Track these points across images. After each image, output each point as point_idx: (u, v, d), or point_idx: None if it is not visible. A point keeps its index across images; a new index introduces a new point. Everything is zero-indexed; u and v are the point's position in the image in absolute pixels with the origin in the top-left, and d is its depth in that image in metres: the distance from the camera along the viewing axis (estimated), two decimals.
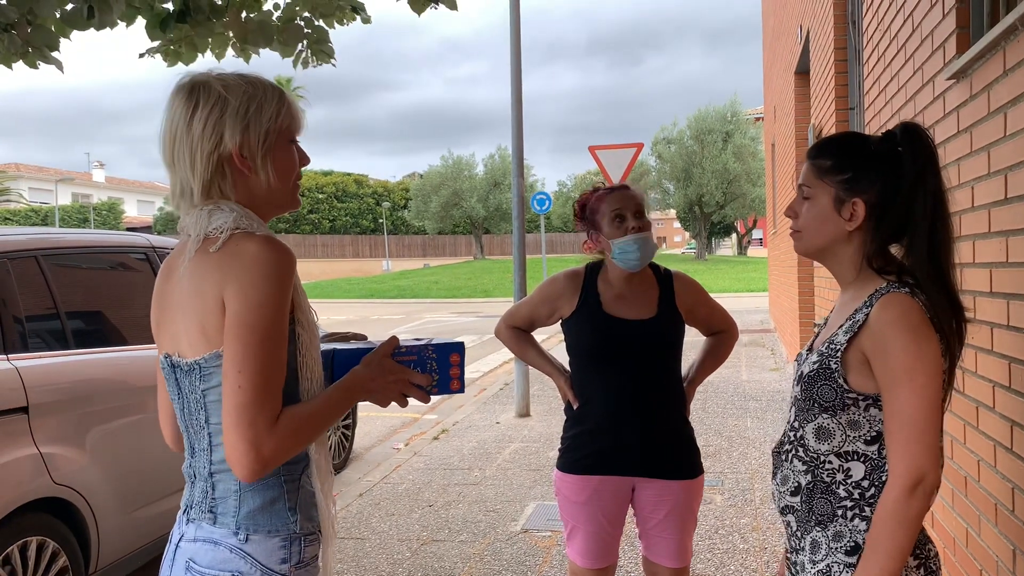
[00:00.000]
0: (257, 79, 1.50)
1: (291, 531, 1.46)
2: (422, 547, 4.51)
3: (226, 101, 1.44)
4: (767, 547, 4.33)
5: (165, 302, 1.52)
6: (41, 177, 54.04)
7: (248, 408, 1.34)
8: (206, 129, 1.43)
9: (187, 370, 1.46)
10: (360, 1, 4.00)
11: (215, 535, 1.44)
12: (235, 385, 1.34)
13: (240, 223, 1.44)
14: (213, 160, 1.44)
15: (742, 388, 8.99)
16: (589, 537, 2.59)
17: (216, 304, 1.39)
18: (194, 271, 1.43)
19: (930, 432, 1.49)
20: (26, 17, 3.42)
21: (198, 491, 1.49)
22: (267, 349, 1.36)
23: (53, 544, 3.25)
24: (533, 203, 22.96)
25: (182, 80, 1.48)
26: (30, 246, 3.55)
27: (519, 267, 8.22)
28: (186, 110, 1.44)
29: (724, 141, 44.15)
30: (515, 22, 8.22)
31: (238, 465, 1.35)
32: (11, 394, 3.15)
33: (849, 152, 1.66)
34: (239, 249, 1.39)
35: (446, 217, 52.90)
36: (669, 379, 2.60)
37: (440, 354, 1.60)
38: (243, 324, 1.35)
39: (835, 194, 1.65)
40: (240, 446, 1.34)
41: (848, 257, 1.67)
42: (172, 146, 1.46)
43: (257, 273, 1.37)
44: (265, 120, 1.47)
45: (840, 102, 6.09)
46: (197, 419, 1.48)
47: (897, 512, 1.48)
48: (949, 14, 2.84)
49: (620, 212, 2.54)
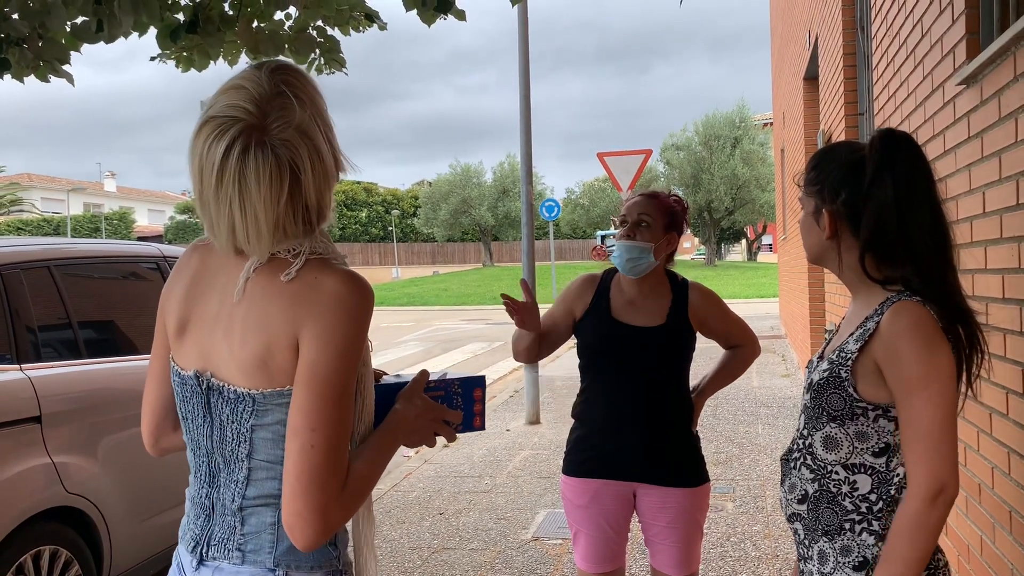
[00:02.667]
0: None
1: (334, 567, 1.35)
2: (433, 555, 4.50)
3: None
4: (779, 554, 4.31)
5: (197, 312, 1.36)
6: (53, 187, 54.40)
7: (320, 471, 1.21)
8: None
9: (232, 399, 1.30)
10: (374, 9, 4.02)
11: (243, 574, 1.31)
12: (307, 444, 1.21)
13: (316, 246, 1.31)
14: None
15: (753, 394, 8.96)
16: (591, 541, 2.59)
17: (287, 343, 1.25)
18: (257, 296, 1.29)
19: (947, 441, 1.48)
20: (37, 31, 3.45)
21: (219, 526, 1.35)
22: (343, 404, 1.25)
23: (66, 553, 3.26)
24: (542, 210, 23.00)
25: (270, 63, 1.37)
26: (43, 256, 3.57)
27: (528, 274, 8.22)
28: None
29: (733, 147, 44.07)
30: (523, 32, 8.24)
31: (301, 534, 1.22)
32: (24, 403, 3.16)
33: (821, 164, 1.69)
34: (319, 285, 1.27)
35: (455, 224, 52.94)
36: (673, 388, 2.60)
37: (465, 389, 1.54)
38: (320, 377, 1.23)
39: (814, 205, 1.69)
40: (307, 514, 1.21)
41: (847, 265, 1.67)
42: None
43: (339, 319, 1.24)
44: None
45: (849, 107, 6.08)
46: (235, 451, 1.32)
47: (919, 522, 1.47)
48: (959, 19, 2.84)
49: (624, 218, 2.61)
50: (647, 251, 2.56)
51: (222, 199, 1.26)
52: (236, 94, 1.27)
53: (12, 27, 3.41)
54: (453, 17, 3.76)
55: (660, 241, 2.58)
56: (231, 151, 1.24)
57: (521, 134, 8.26)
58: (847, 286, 1.72)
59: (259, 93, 1.27)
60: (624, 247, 2.56)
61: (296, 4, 3.81)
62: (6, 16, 3.43)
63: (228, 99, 1.27)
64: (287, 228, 1.29)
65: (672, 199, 2.66)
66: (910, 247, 1.57)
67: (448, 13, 3.71)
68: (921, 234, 1.57)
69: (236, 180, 1.24)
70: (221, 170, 1.24)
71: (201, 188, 1.28)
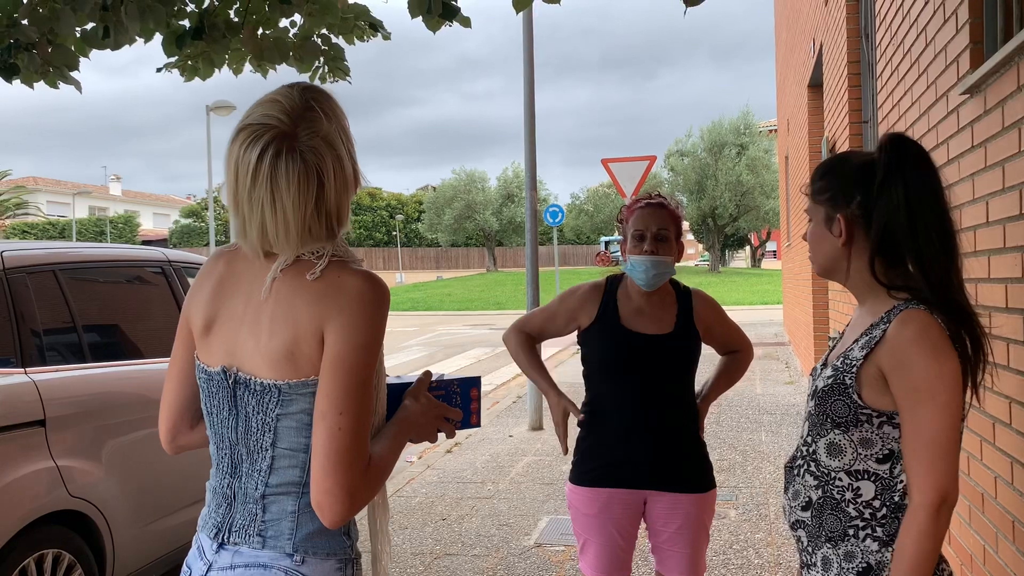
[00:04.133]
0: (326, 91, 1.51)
1: (347, 555, 1.45)
2: (435, 561, 4.50)
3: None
4: (781, 562, 4.30)
5: (224, 312, 1.45)
6: (58, 190, 54.59)
7: (348, 452, 1.32)
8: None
9: (258, 390, 1.40)
10: (377, 18, 4.04)
11: (263, 558, 1.40)
12: (335, 427, 1.32)
13: (337, 250, 1.42)
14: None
15: (756, 402, 8.95)
16: (601, 550, 2.59)
17: (313, 336, 1.36)
18: (284, 293, 1.39)
19: (952, 451, 1.49)
20: (47, 37, 3.47)
21: (241, 514, 1.44)
22: (367, 391, 1.35)
23: (69, 556, 3.27)
24: (546, 215, 23.00)
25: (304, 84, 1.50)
26: (48, 260, 3.59)
27: (532, 279, 8.23)
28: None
29: (738, 153, 44.07)
30: (528, 39, 8.27)
31: (330, 511, 1.32)
32: (29, 407, 3.17)
33: (831, 171, 1.70)
34: (342, 283, 1.37)
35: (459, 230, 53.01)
36: (683, 394, 2.60)
37: (463, 388, 1.65)
38: (345, 366, 1.34)
39: (825, 213, 1.69)
40: (336, 492, 1.31)
41: (857, 273, 1.67)
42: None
43: (361, 313, 1.36)
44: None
45: (854, 115, 6.09)
46: (259, 440, 1.41)
47: (926, 532, 1.48)
48: (963, 29, 2.84)
49: (641, 232, 2.56)
50: (671, 264, 2.58)
51: (255, 200, 1.37)
52: (270, 106, 1.40)
53: (22, 32, 3.43)
54: (458, 24, 3.77)
55: (675, 251, 2.60)
56: (264, 155, 1.36)
57: (525, 140, 8.28)
58: (854, 293, 1.72)
59: (291, 106, 1.39)
60: (650, 262, 2.53)
61: (301, 12, 3.83)
62: (16, 22, 3.45)
63: (263, 110, 1.40)
64: (312, 229, 1.40)
65: (674, 204, 2.65)
66: (918, 249, 1.57)
67: (453, 20, 3.72)
68: (929, 236, 1.57)
69: (268, 182, 1.36)
70: (255, 172, 1.36)
71: (236, 189, 1.39)
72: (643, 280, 2.55)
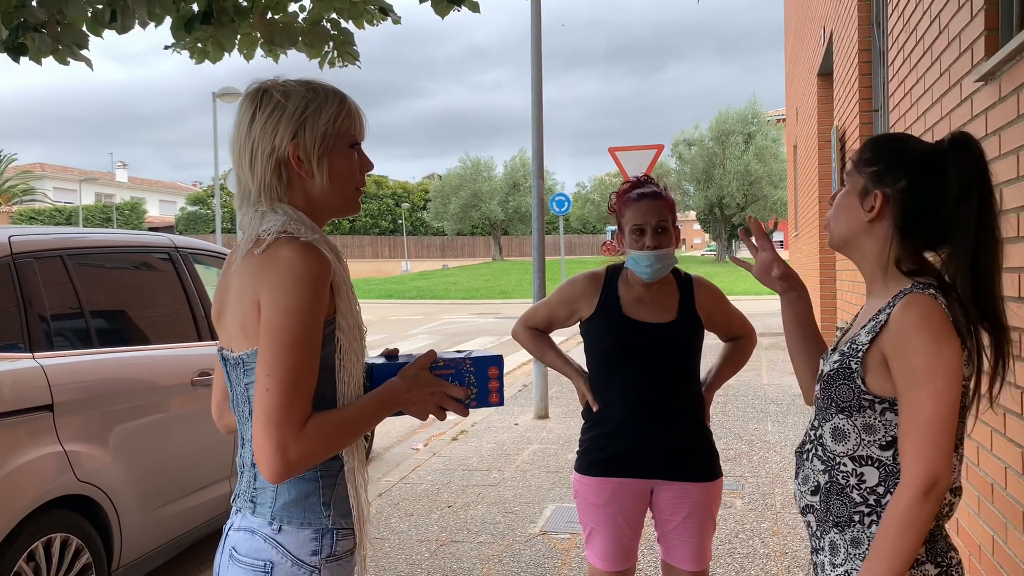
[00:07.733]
0: (319, 84, 1.54)
1: (323, 525, 1.49)
2: (441, 548, 4.51)
3: (284, 105, 1.49)
4: (787, 551, 4.30)
5: (222, 298, 1.58)
6: (65, 177, 54.67)
7: (275, 411, 1.37)
8: (264, 131, 1.49)
9: (233, 364, 1.52)
10: (388, 2, 4.01)
11: (253, 524, 1.50)
12: (263, 388, 1.39)
13: (288, 227, 1.47)
14: (271, 162, 1.49)
15: (762, 391, 8.94)
16: (608, 539, 2.58)
17: (253, 305, 1.43)
18: (241, 271, 1.47)
19: (945, 436, 1.47)
20: (56, 17, 3.46)
21: (244, 480, 1.55)
22: (296, 354, 1.39)
23: (77, 541, 3.28)
24: (552, 205, 22.95)
25: (250, 87, 1.54)
26: (56, 245, 3.59)
27: (538, 269, 8.21)
28: (248, 114, 1.51)
29: (745, 143, 43.91)
30: (536, 30, 8.23)
31: (263, 466, 1.39)
32: (36, 392, 3.18)
33: (885, 147, 1.66)
34: (277, 254, 1.43)
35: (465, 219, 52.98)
36: (687, 383, 2.59)
37: (478, 367, 1.61)
38: (272, 329, 1.40)
39: (863, 184, 1.65)
40: (266, 447, 1.37)
41: (872, 254, 1.65)
42: (236, 148, 1.53)
43: (288, 279, 1.40)
44: (322, 123, 1.50)
45: (864, 104, 6.05)
46: (242, 411, 1.54)
47: (910, 515, 1.46)
48: (977, 16, 2.81)
49: (640, 227, 2.52)
50: (672, 255, 2.56)
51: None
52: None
53: (31, 13, 3.42)
54: (467, 9, 3.75)
55: (675, 240, 2.57)
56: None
57: (533, 130, 8.26)
58: (865, 276, 1.70)
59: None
60: (654, 257, 2.50)
61: None
62: (25, 3, 3.44)
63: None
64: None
65: (663, 187, 2.61)
66: (976, 257, 1.55)
67: (462, 5, 3.70)
68: (989, 246, 1.56)
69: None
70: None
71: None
72: (647, 274, 2.53)
